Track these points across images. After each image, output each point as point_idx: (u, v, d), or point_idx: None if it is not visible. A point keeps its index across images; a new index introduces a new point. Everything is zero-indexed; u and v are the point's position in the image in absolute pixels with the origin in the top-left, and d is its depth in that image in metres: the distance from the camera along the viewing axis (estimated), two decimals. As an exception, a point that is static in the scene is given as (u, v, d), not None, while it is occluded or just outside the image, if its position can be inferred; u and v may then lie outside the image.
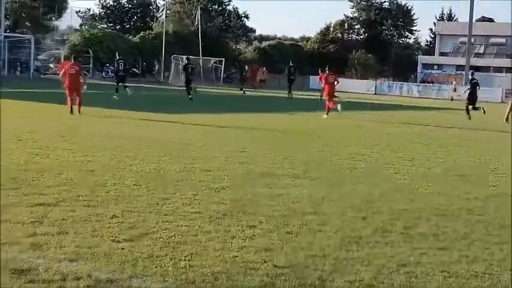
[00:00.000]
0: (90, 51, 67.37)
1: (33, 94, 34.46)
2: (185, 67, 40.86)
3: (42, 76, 59.13)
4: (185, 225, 7.98)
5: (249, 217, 8.59)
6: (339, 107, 28.57)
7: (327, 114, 28.66)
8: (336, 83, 29.73)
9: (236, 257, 6.79)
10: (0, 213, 8.00)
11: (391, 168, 13.82)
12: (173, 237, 7.42)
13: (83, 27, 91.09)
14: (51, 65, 64.49)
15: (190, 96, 36.90)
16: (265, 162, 13.70)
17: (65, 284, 5.70)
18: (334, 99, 29.48)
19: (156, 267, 6.34)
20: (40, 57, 66.03)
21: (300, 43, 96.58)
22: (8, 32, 67.78)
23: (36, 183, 10.12)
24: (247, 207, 9.20)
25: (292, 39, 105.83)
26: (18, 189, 9.52)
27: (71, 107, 23.69)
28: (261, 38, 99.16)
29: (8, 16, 70.97)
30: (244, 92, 50.65)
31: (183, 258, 6.66)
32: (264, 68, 69.35)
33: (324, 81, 30.29)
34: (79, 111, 23.56)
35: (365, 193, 10.67)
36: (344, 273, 6.41)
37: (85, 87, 25.62)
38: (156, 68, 72.75)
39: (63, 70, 25.19)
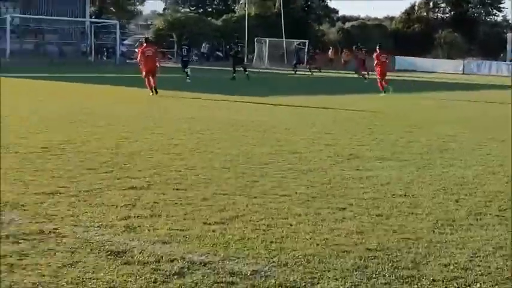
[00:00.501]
0: (174, 35, 67.99)
1: (120, 79, 35.05)
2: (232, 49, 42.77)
3: (128, 61, 59.98)
4: (275, 208, 7.98)
5: (339, 199, 8.54)
6: (390, 88, 28.70)
7: (384, 92, 28.87)
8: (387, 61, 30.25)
9: (327, 239, 6.76)
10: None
11: (482, 149, 13.52)
12: (263, 220, 7.43)
13: (166, 11, 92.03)
14: (136, 50, 65.34)
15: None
16: (351, 144, 13.60)
17: (160, 266, 5.77)
18: (385, 78, 29.77)
19: (247, 249, 6.35)
20: (125, 42, 66.95)
21: (384, 23, 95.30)
22: (94, 18, 69.00)
23: (128, 166, 10.28)
24: (336, 189, 9.15)
25: (376, 19, 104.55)
26: (110, 173, 9.69)
27: (152, 88, 24.36)
28: (344, 19, 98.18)
29: (93, 2, 72.17)
30: (295, 72, 50.76)
31: (274, 240, 6.67)
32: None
33: (376, 60, 30.15)
34: (156, 92, 24.27)
35: (457, 175, 10.48)
36: (438, 256, 6.30)
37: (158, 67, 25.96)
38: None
39: (139, 53, 25.71)
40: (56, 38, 61.63)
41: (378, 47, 30.50)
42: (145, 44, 26.62)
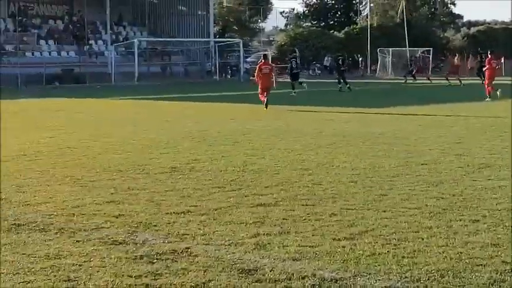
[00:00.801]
0: (297, 50, 68.31)
1: (244, 96, 35.45)
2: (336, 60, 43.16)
3: (251, 78, 60.65)
4: (405, 222, 7.85)
5: (471, 211, 8.32)
6: (498, 92, 29.41)
7: (489, 97, 29.47)
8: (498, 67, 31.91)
9: (461, 253, 6.58)
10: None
11: None
12: (394, 234, 7.32)
13: (288, 26, 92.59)
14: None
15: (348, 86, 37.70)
16: (482, 153, 13.26)
17: (291, 284, 5.77)
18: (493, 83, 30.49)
19: (379, 265, 6.27)
20: (248, 59, 67.68)
21: (510, 26, 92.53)
22: (218, 37, 70.25)
23: (255, 183, 10.36)
24: (468, 201, 8.92)
25: (503, 22, 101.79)
26: (238, 191, 9.79)
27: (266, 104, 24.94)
28: (470, 24, 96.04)
29: (216, 22, 73.53)
30: (405, 81, 49.86)
31: (406, 255, 6.55)
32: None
33: (487, 65, 31.38)
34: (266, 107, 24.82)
35: None
36: None
37: (274, 85, 26.46)
38: (360, 61, 72.43)
39: (257, 69, 26.32)
40: (182, 59, 63.05)
41: (489, 53, 32.27)
42: (263, 61, 27.05)
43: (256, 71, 27.11)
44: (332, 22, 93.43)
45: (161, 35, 66.10)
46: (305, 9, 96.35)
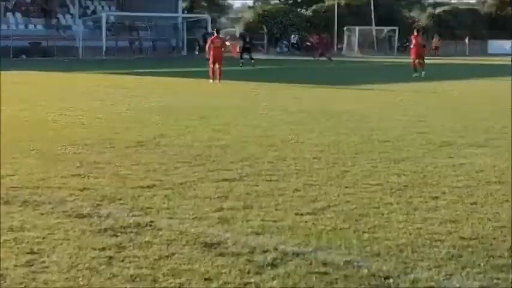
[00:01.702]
0: (264, 27, 68.27)
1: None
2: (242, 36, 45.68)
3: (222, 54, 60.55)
4: (366, 198, 7.97)
5: (431, 188, 8.46)
6: (423, 73, 31.20)
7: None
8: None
9: (420, 228, 6.71)
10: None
11: None
12: (355, 210, 7.44)
13: (256, 3, 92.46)
14: (227, 43, 65.88)
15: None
16: (445, 131, 13.43)
17: (253, 257, 5.85)
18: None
19: (340, 239, 6.37)
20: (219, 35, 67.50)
21: (476, 7, 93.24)
22: (186, 13, 69.90)
23: (220, 159, 10.43)
24: (429, 178, 9.07)
25: (467, 3, 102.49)
26: (203, 166, 9.86)
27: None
28: (435, 4, 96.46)
29: (185, -3, 73.21)
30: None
31: (367, 230, 6.67)
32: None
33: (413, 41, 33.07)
34: (219, 81, 26.75)
35: (553, 161, 10.22)
36: (534, 245, 6.19)
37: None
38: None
39: (208, 44, 27.27)
40: (150, 34, 62.75)
41: (416, 31, 34.08)
42: (215, 35, 29.02)
43: (207, 45, 27.84)
44: (300, 0, 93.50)
45: (130, 10, 65.63)
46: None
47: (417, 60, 32.38)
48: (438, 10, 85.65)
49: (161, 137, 12.44)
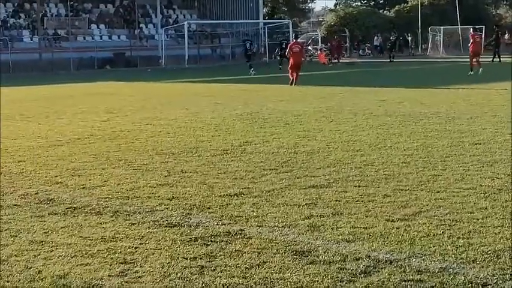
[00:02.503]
0: (346, 30, 67.89)
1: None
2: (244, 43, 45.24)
3: (302, 59, 60.49)
4: (459, 202, 7.78)
5: (527, 191, 8.21)
6: (480, 70, 31.44)
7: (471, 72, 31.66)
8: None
9: (517, 233, 6.51)
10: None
11: None
12: (448, 215, 7.26)
13: (338, 6, 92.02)
14: (310, 47, 65.82)
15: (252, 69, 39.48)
16: (538, 131, 13.04)
17: (345, 265, 5.76)
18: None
19: (434, 246, 6.22)
20: (298, 40, 67.46)
21: None
22: (267, 19, 70.11)
23: (307, 165, 10.35)
24: (524, 180, 8.81)
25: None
26: (290, 172, 9.80)
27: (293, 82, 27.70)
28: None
29: (265, 3, 73.32)
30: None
31: (461, 236, 6.49)
32: None
33: (471, 39, 34.04)
34: (294, 84, 27.66)
35: None
36: None
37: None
38: (410, 40, 71.52)
39: (288, 49, 27.79)
40: (231, 41, 63.15)
41: (472, 30, 36.04)
42: (294, 41, 30.06)
43: (287, 50, 28.27)
44: (382, 1, 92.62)
45: (211, 17, 66.26)
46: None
47: (474, 59, 32.81)
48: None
49: (247, 145, 12.45)
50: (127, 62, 53.65)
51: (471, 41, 34.09)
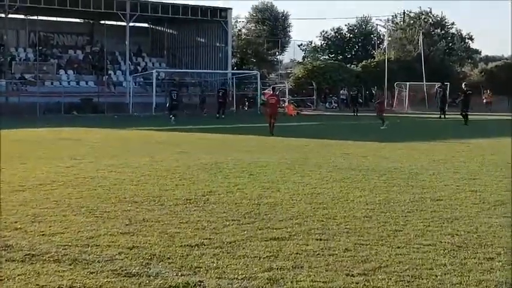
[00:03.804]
0: (313, 83, 68.46)
1: (261, 128, 35.52)
2: (170, 92, 44.77)
3: (277, 110, 60.75)
4: (419, 258, 7.83)
5: (486, 249, 8.28)
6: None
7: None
8: None
9: (475, 291, 6.54)
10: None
11: None
12: (408, 271, 7.30)
13: (306, 59, 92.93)
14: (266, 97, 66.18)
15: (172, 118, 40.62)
16: (498, 189, 13.20)
17: (303, 320, 5.75)
18: None
19: (392, 302, 6.24)
20: (266, 91, 67.88)
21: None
22: (236, 69, 70.55)
23: (269, 217, 10.36)
24: (483, 238, 8.89)
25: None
26: (253, 224, 9.79)
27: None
28: (487, 59, 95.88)
29: (234, 54, 73.83)
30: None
31: (419, 293, 6.52)
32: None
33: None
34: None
35: None
36: None
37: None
38: (375, 96, 72.23)
39: (266, 100, 29.26)
40: (199, 90, 63.37)
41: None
42: (271, 92, 31.11)
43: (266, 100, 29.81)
44: (350, 56, 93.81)
45: (179, 67, 66.54)
46: (323, 42, 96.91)
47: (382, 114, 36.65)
48: (490, 65, 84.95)
49: (210, 195, 12.43)
50: (94, 108, 53.49)
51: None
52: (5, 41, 56.69)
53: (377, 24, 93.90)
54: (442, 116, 47.91)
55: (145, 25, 71.04)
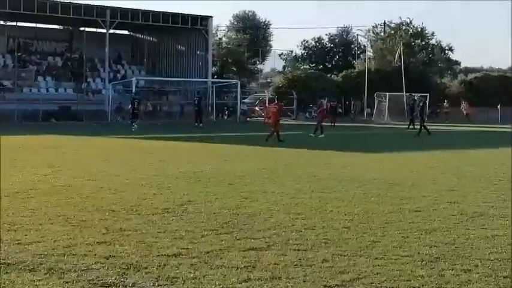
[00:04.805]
0: (294, 93, 68.59)
1: (240, 137, 35.53)
2: (132, 101, 45.24)
3: (248, 119, 60.88)
4: (397, 270, 7.81)
5: (463, 260, 8.28)
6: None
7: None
8: None
9: (452, 303, 6.54)
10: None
11: None
12: (385, 282, 7.28)
13: (286, 69, 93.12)
14: (257, 108, 66.32)
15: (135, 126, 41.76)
16: (477, 201, 13.24)
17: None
18: None
19: (369, 314, 6.21)
20: (246, 100, 67.98)
21: (508, 74, 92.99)
22: (216, 78, 70.56)
23: (248, 227, 10.32)
24: (461, 250, 8.89)
25: (500, 70, 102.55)
26: (231, 234, 9.74)
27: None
28: (467, 71, 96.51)
29: (215, 62, 73.84)
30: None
31: (397, 304, 6.50)
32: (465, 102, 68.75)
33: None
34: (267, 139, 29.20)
35: None
36: None
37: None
38: (353, 106, 72.47)
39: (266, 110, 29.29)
40: (179, 98, 63.33)
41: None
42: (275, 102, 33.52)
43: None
44: (330, 66, 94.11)
45: (159, 74, 66.44)
46: (303, 51, 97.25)
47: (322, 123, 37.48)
48: (470, 77, 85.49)
49: (188, 204, 12.37)
50: (73, 116, 53.23)
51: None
52: (-17, 47, 56.40)
53: (357, 35, 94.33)
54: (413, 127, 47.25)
55: (126, 32, 70.92)
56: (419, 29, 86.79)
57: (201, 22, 64.97)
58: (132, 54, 71.01)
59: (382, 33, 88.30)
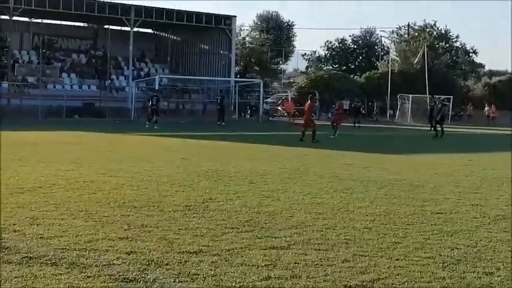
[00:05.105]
0: (316, 93, 68.48)
1: (262, 136, 35.53)
2: (151, 98, 45.21)
3: (270, 119, 60.88)
4: (418, 271, 7.78)
5: (485, 263, 8.24)
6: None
7: None
8: None
9: (473, 306, 6.51)
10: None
11: None
12: (406, 283, 7.26)
13: (309, 69, 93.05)
14: (279, 108, 66.32)
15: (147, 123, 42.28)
16: (499, 204, 13.16)
17: (300, 330, 5.71)
18: None
19: (390, 314, 6.20)
20: (268, 100, 67.99)
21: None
22: (239, 77, 70.61)
23: (269, 225, 10.32)
24: (483, 252, 8.84)
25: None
26: (252, 232, 9.75)
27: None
28: (491, 74, 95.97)
29: (238, 62, 73.93)
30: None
31: (418, 306, 6.48)
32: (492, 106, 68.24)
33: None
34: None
35: None
36: None
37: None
38: (375, 107, 72.20)
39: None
40: (202, 97, 63.46)
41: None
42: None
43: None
44: (353, 66, 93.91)
45: (182, 73, 66.62)
46: (326, 52, 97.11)
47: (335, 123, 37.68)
48: (494, 80, 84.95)
49: (210, 202, 12.40)
50: (96, 113, 53.54)
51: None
52: (8, 44, 56.78)
53: (381, 36, 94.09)
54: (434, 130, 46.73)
55: (150, 31, 71.17)
56: (443, 31, 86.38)
57: (224, 21, 65.07)
58: (156, 52, 71.28)
59: (406, 35, 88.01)
